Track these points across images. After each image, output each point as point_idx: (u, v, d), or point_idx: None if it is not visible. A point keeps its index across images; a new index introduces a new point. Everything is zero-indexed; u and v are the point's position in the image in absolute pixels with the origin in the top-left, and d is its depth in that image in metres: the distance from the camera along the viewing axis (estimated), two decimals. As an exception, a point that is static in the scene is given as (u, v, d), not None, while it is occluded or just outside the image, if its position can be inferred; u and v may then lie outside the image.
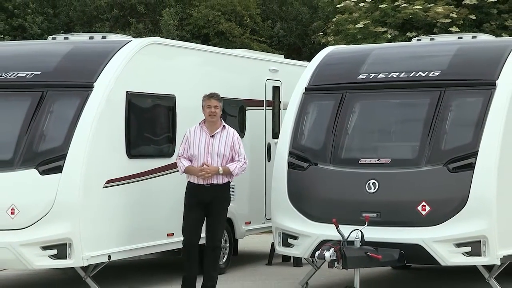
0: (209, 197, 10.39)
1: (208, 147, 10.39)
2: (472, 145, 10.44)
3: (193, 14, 26.91)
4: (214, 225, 10.53)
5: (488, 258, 10.28)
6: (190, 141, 10.48)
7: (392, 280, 12.75)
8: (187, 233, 10.46)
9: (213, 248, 10.53)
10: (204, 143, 10.41)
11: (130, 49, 11.37)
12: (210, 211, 10.47)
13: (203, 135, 10.45)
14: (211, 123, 10.48)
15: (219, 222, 10.63)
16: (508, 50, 11.12)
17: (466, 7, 20.26)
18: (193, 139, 10.47)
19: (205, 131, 10.46)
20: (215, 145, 10.40)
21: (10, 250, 10.21)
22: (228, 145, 10.44)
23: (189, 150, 10.46)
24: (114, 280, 11.88)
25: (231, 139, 10.48)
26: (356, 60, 11.97)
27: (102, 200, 10.69)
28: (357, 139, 11.35)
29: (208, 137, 10.43)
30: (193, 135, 10.49)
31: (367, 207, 10.56)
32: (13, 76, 11.18)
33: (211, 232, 10.52)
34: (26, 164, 10.47)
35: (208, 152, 10.38)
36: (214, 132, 10.44)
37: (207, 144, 10.41)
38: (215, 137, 10.44)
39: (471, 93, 10.87)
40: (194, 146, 10.42)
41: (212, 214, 10.50)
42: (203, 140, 10.43)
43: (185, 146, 10.52)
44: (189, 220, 10.45)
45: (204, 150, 10.39)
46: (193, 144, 10.44)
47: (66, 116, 10.67)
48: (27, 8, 26.80)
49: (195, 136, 10.47)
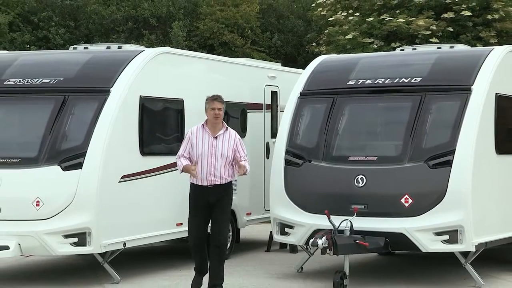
0: (213, 198, 9.53)
1: (211, 148, 9.51)
2: (449, 144, 10.45)
3: (200, 26, 26.93)
4: (219, 224, 9.63)
5: (464, 245, 10.28)
6: (193, 141, 9.57)
7: (378, 265, 12.74)
8: (194, 236, 9.69)
9: (219, 246, 9.60)
10: (208, 145, 9.52)
11: (143, 58, 11.36)
12: (215, 210, 9.58)
13: (206, 136, 9.55)
14: (214, 124, 9.59)
15: (224, 221, 9.74)
16: (482, 58, 11.12)
17: (445, 20, 20.27)
18: (196, 140, 9.56)
19: (208, 133, 9.57)
20: (218, 147, 9.51)
21: (35, 238, 10.22)
22: (230, 146, 9.56)
23: (191, 151, 9.57)
24: (129, 265, 11.87)
25: (233, 141, 9.61)
26: (346, 67, 11.96)
27: (118, 193, 10.69)
28: (346, 138, 11.35)
29: (211, 138, 9.54)
30: (195, 136, 9.58)
31: (356, 200, 10.56)
32: (38, 82, 11.17)
33: (216, 230, 9.63)
34: (50, 161, 10.47)
35: (212, 153, 9.49)
36: (217, 134, 9.56)
37: (211, 145, 9.52)
38: (218, 138, 9.55)
39: (449, 98, 10.87)
40: (198, 147, 9.52)
41: (217, 213, 9.59)
42: (206, 141, 9.54)
43: (187, 146, 9.62)
44: (195, 222, 9.66)
45: (208, 151, 9.49)
46: (196, 145, 9.54)
47: (86, 118, 10.66)
48: (51, 21, 26.78)
49: (198, 137, 9.57)
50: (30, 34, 26.57)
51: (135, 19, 27.15)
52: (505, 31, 20.48)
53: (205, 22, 26.90)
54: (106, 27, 26.98)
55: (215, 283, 9.52)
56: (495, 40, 19.99)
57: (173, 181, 11.29)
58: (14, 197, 10.35)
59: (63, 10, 27.12)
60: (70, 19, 27.19)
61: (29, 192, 10.32)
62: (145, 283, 10.82)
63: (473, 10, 20.29)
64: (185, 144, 9.64)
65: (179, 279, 9.10)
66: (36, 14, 27.02)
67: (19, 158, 10.60)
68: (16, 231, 10.23)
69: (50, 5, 27.08)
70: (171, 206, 11.42)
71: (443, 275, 11.46)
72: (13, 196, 10.36)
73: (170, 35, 26.06)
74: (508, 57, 11.42)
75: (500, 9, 20.40)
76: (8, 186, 10.41)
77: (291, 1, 29.55)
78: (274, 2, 29.19)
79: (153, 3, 27.31)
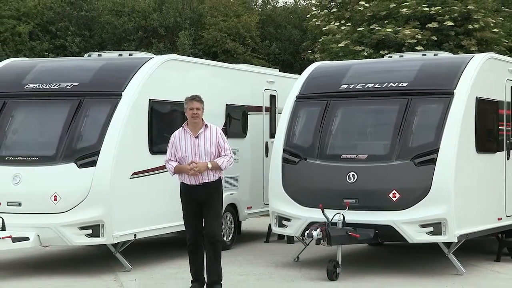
0: (203, 196, 8.90)
1: (194, 148, 8.89)
2: (434, 143, 10.44)
3: (204, 35, 26.93)
4: (211, 221, 8.96)
5: (447, 237, 10.28)
6: (177, 145, 8.99)
7: (368, 255, 12.73)
8: (190, 232, 9.06)
9: (213, 242, 8.93)
10: (191, 145, 8.92)
11: (152, 64, 11.35)
12: (206, 208, 8.95)
13: (188, 137, 8.96)
14: (194, 124, 8.98)
15: (216, 217, 9.02)
16: (464, 65, 11.12)
17: (429, 30, 20.24)
18: (179, 142, 8.98)
19: (189, 133, 8.97)
20: (201, 145, 8.90)
21: (53, 230, 10.22)
22: (213, 143, 8.94)
23: (177, 154, 8.97)
24: (139, 255, 11.86)
25: (215, 136, 8.97)
26: (338, 73, 11.95)
27: (129, 188, 10.68)
28: (339, 138, 11.33)
29: (192, 138, 8.94)
30: (178, 139, 9.00)
31: (348, 195, 10.54)
32: (56, 87, 11.17)
33: (209, 228, 8.96)
34: (66, 159, 10.47)
35: (195, 152, 8.87)
36: (198, 133, 8.95)
37: (193, 145, 8.91)
38: (200, 137, 8.94)
39: (433, 101, 10.86)
40: (181, 149, 8.93)
41: (208, 211, 8.95)
42: (188, 142, 8.93)
43: (172, 150, 9.03)
44: (189, 219, 9.04)
45: (191, 151, 8.89)
46: (180, 147, 8.95)
47: (99, 119, 10.66)
48: (67, 31, 26.78)
49: (181, 139, 8.98)
50: (49, 42, 26.58)
51: (144, 29, 27.17)
52: (485, 40, 20.49)
53: (209, 31, 26.90)
54: (118, 36, 26.98)
55: (213, 280, 8.94)
56: (476, 48, 19.98)
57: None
58: (33, 192, 10.35)
59: (79, 20, 27.12)
60: (85, 29, 27.19)
61: (47, 188, 10.32)
62: (154, 271, 10.81)
63: (455, 20, 20.30)
64: (170, 149, 9.06)
65: (186, 267, 9.11)
66: (54, 24, 27.02)
67: (38, 157, 10.60)
68: (36, 224, 10.23)
69: (67, 16, 27.09)
70: (178, 200, 11.37)
71: (428, 263, 11.45)
72: (32, 191, 10.35)
73: (177, 43, 26.06)
74: (488, 63, 11.42)
75: (480, 19, 20.42)
76: (28, 182, 10.41)
77: (288, 12, 29.56)
78: (273, 13, 29.21)
79: (162, 14, 27.33)
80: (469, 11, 20.48)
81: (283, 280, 10.20)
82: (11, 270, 10.91)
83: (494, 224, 11.49)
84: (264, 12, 29.20)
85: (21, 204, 10.35)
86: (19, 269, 10.98)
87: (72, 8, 27.23)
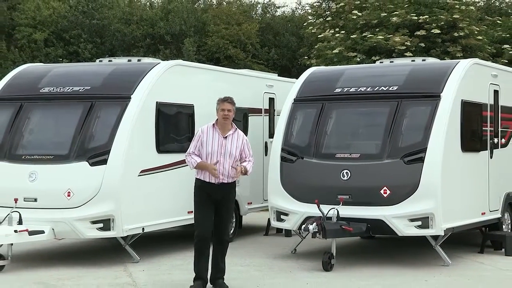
0: (219, 195, 8.55)
1: (221, 147, 8.52)
2: (422, 143, 10.43)
3: (208, 42, 26.91)
4: (223, 221, 8.64)
5: (434, 230, 10.27)
6: (203, 140, 8.57)
7: (361, 247, 12.71)
8: (200, 228, 8.57)
9: (222, 241, 8.67)
10: (218, 144, 8.53)
11: (159, 69, 11.34)
12: (220, 207, 8.59)
13: (216, 136, 8.57)
14: (224, 125, 8.61)
15: (228, 217, 8.75)
16: (450, 70, 11.11)
17: (417, 37, 20.23)
18: (206, 138, 8.57)
19: (218, 132, 8.59)
20: (227, 146, 8.54)
21: (67, 224, 10.22)
22: (238, 147, 8.61)
23: (202, 149, 8.57)
24: (147, 247, 11.84)
25: (241, 141, 8.66)
26: (333, 78, 11.94)
27: (137, 185, 10.67)
28: (333, 138, 11.32)
29: (221, 138, 8.56)
30: (206, 135, 8.59)
31: (342, 191, 10.53)
32: (69, 90, 11.16)
33: (221, 226, 8.64)
34: (79, 157, 10.46)
35: (221, 152, 8.51)
36: (227, 134, 8.60)
37: (220, 144, 8.53)
38: (228, 138, 8.59)
39: (421, 103, 10.84)
40: (208, 146, 8.53)
41: (221, 210, 8.61)
42: (216, 141, 8.55)
43: (197, 144, 8.61)
44: (201, 216, 8.58)
45: (217, 150, 8.51)
46: (206, 143, 8.54)
47: (110, 121, 10.65)
48: (80, 38, 26.78)
49: (208, 136, 8.58)
50: (63, 49, 26.57)
51: (152, 36, 27.17)
52: (469, 46, 20.48)
53: (212, 38, 26.89)
54: (128, 43, 26.97)
55: (217, 276, 8.71)
56: (461, 54, 19.97)
57: (184, 174, 11.27)
58: (48, 188, 10.34)
59: (91, 28, 27.10)
60: (97, 36, 27.18)
61: (61, 184, 10.31)
62: (161, 262, 10.80)
63: (441, 28, 20.30)
64: (196, 142, 8.63)
65: (191, 259, 9.08)
66: (67, 32, 27.00)
67: (53, 155, 10.60)
68: (50, 218, 10.23)
69: (80, 24, 27.07)
70: (183, 196, 11.34)
71: (416, 255, 11.43)
72: (47, 188, 10.35)
73: (182, 49, 26.05)
74: (472, 69, 11.41)
75: (465, 27, 20.42)
76: (43, 179, 10.41)
77: (286, 21, 29.53)
78: (272, 21, 29.19)
79: (168, 23, 27.32)
80: (455, 19, 20.51)
81: (281, 271, 10.19)
82: (27, 261, 10.90)
83: (478, 218, 11.49)
84: (263, 20, 29.18)
85: (37, 199, 10.34)
86: (35, 260, 10.97)
87: (84, 17, 27.21)
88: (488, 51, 20.95)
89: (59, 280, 9.44)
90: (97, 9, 27.74)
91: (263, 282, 9.40)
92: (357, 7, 22.02)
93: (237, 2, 30.25)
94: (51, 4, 28.06)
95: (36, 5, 27.84)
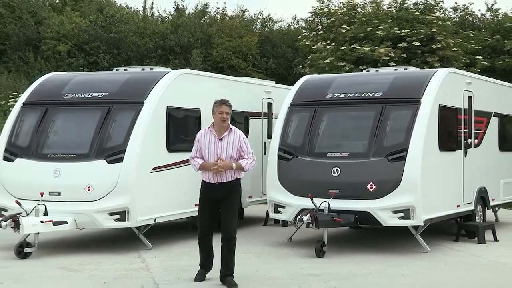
0: (221, 194, 8.06)
1: (217, 149, 8.05)
2: (404, 143, 10.41)
3: (213, 53, 26.90)
4: (228, 218, 8.04)
5: (415, 221, 10.26)
6: (201, 143, 8.14)
7: (350, 236, 12.69)
8: (202, 226, 8.24)
9: (229, 238, 8.02)
10: (214, 146, 8.06)
11: (169, 77, 11.33)
12: (224, 205, 8.08)
13: (212, 138, 8.09)
14: (220, 127, 8.10)
15: (232, 214, 8.07)
16: (429, 78, 11.10)
17: (400, 49, 20.28)
18: (204, 141, 8.13)
19: (213, 134, 8.10)
20: (223, 148, 8.05)
21: (87, 215, 10.20)
22: (235, 146, 8.08)
23: (202, 152, 8.17)
24: (159, 236, 11.82)
25: (237, 141, 8.10)
26: (324, 85, 11.92)
27: (150, 181, 10.65)
28: (325, 139, 11.29)
29: (216, 140, 8.07)
30: (203, 138, 8.14)
31: (332, 186, 10.51)
32: (89, 96, 11.15)
33: (226, 224, 8.04)
34: (98, 156, 10.44)
35: (217, 154, 8.03)
36: (222, 135, 8.08)
37: (216, 146, 8.05)
38: (223, 140, 8.07)
39: (403, 108, 10.82)
40: (205, 148, 8.10)
41: (225, 208, 8.06)
42: (212, 143, 8.07)
43: (197, 148, 8.19)
44: (204, 216, 8.20)
45: (214, 152, 8.05)
46: (204, 146, 8.12)
47: (125, 123, 10.63)
48: (99, 49, 26.78)
49: (205, 139, 8.12)
50: (83, 59, 26.57)
51: (163, 48, 27.16)
52: (446, 57, 20.53)
53: (217, 50, 26.86)
54: (141, 54, 26.96)
55: (226, 273, 8.11)
56: (439, 64, 20.01)
57: (191, 171, 11.25)
58: (71, 184, 10.32)
59: (109, 41, 27.09)
60: (114, 48, 27.16)
61: (82, 180, 10.30)
62: (171, 249, 10.78)
63: (421, 41, 20.35)
64: (196, 146, 8.22)
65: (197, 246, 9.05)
66: (88, 44, 27.00)
67: (75, 154, 10.58)
68: (73, 210, 10.22)
69: (99, 37, 27.08)
70: (190, 190, 11.28)
71: (399, 243, 11.41)
72: (70, 183, 10.33)
73: (190, 60, 26.03)
74: (448, 77, 11.40)
75: (442, 40, 20.47)
76: (66, 175, 10.39)
77: (283, 34, 29.51)
78: (270, 34, 29.16)
79: (177, 36, 27.33)
80: (433, 33, 20.55)
81: (279, 257, 10.17)
82: (52, 248, 10.88)
83: (454, 210, 11.48)
84: (263, 33, 29.14)
85: (60, 193, 10.33)
86: (59, 248, 10.95)
87: (103, 31, 27.23)
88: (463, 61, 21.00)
89: (80, 265, 9.43)
90: (114, 24, 27.78)
91: (262, 267, 9.38)
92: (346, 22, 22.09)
93: (239, 18, 30.24)
94: (73, 20, 28.11)
95: (60, 20, 27.93)
